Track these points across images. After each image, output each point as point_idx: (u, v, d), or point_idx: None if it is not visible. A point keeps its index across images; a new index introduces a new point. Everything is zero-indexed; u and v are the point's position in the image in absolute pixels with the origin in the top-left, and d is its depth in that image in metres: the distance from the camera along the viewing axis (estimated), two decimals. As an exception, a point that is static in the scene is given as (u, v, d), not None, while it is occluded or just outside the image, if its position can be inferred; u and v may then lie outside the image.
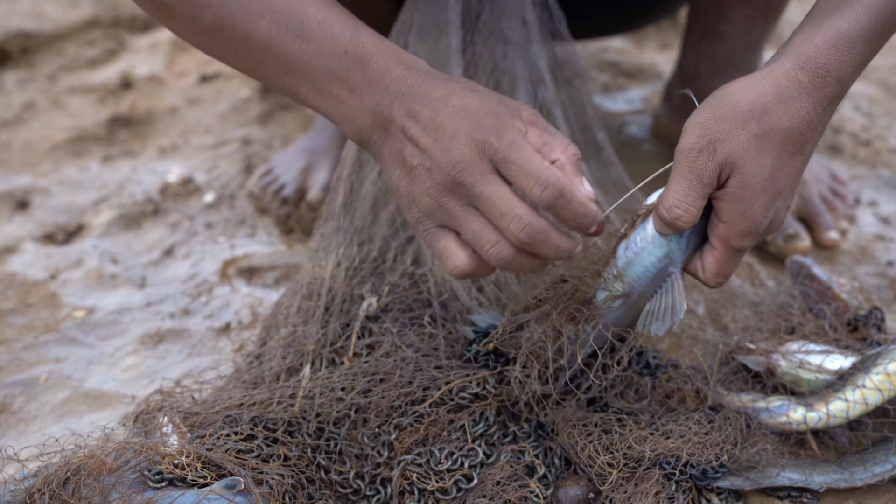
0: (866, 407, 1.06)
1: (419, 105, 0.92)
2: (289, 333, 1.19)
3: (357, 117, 0.94)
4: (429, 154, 0.91)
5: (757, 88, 0.93)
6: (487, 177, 0.89)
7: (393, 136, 0.93)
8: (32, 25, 2.22)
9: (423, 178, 0.92)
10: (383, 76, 0.92)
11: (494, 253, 0.91)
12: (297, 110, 1.90)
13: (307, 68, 0.93)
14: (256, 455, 1.02)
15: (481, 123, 0.90)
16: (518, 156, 0.89)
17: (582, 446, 1.03)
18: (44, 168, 1.78)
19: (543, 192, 0.89)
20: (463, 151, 0.89)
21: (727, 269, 0.98)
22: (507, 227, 0.89)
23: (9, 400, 1.25)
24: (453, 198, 0.91)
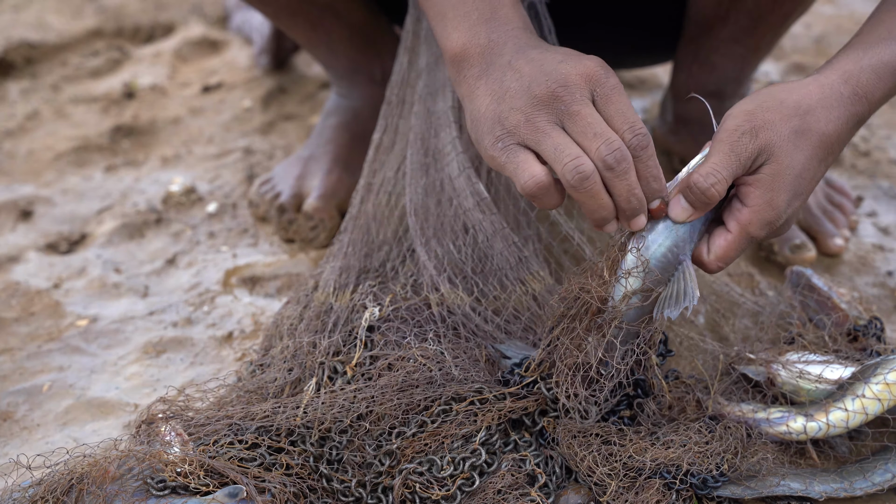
0: (866, 417, 1.07)
1: (531, 48, 0.98)
2: (293, 345, 1.20)
3: (468, 48, 1.00)
4: (531, 75, 0.95)
5: (803, 90, 0.98)
6: (585, 100, 0.94)
7: (496, 68, 0.98)
8: (36, 36, 2.23)
9: (519, 95, 0.95)
10: (507, 22, 1.01)
11: (572, 166, 0.92)
12: (299, 120, 1.91)
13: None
14: (259, 463, 1.03)
15: (591, 60, 0.96)
16: (619, 97, 0.94)
17: (581, 457, 1.03)
18: (47, 177, 1.78)
19: (633, 138, 0.93)
20: (569, 72, 0.94)
21: (733, 254, 0.99)
22: (598, 148, 0.92)
23: (12, 408, 1.25)
24: (545, 112, 0.94)
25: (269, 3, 1.51)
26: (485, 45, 1.00)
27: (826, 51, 2.10)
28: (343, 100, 1.65)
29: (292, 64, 2.08)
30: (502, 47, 0.99)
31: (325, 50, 1.59)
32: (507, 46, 0.99)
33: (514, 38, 1.00)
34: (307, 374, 1.15)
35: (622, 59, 1.71)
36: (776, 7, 1.40)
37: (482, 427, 1.06)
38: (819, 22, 2.20)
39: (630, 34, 1.55)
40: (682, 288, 0.99)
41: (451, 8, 1.02)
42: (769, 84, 1.95)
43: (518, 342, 1.16)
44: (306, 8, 1.49)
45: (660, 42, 1.58)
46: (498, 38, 1.00)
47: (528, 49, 0.98)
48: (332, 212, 1.53)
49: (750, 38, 1.45)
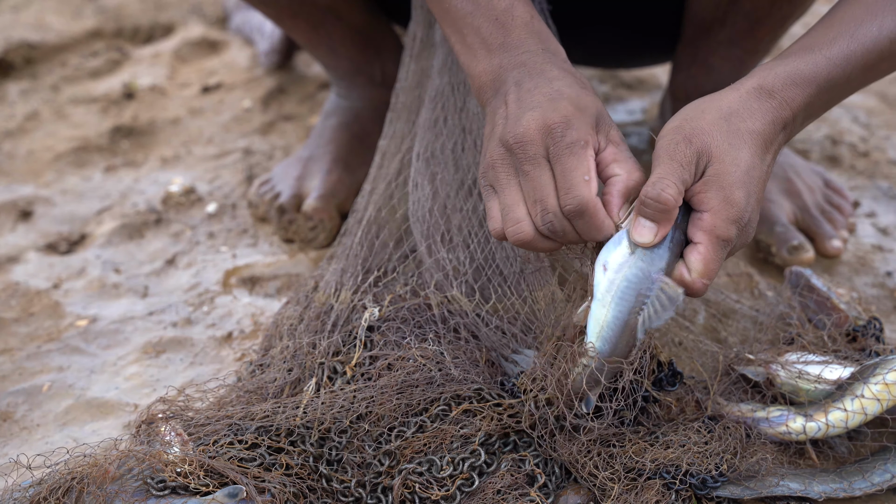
0: (865, 417, 1.07)
1: (529, 78, 1.02)
2: (292, 345, 1.20)
3: (483, 73, 1.05)
4: (507, 118, 1.00)
5: (723, 98, 1.01)
6: (538, 159, 0.97)
7: (498, 97, 1.03)
8: (36, 36, 2.23)
9: (496, 137, 1.00)
10: (518, 46, 1.04)
11: (513, 231, 0.98)
12: (299, 121, 1.91)
13: (462, 22, 1.06)
14: (259, 464, 1.03)
15: (561, 109, 0.98)
16: (567, 159, 0.96)
17: (583, 464, 1.03)
18: (47, 178, 1.79)
19: (567, 205, 0.96)
20: (530, 125, 0.97)
21: (713, 265, 0.97)
22: (536, 213, 0.97)
23: (12, 409, 1.25)
24: (505, 163, 0.99)
25: (271, 4, 1.51)
26: (496, 72, 1.04)
27: (825, 51, 2.10)
28: (343, 100, 1.65)
29: (292, 64, 2.09)
30: (508, 74, 1.03)
31: (326, 50, 1.60)
32: (512, 74, 1.02)
33: (521, 64, 1.03)
34: (307, 375, 1.15)
35: (622, 60, 1.71)
36: (774, 10, 1.40)
37: (481, 428, 1.06)
38: (818, 23, 2.20)
39: (630, 35, 1.56)
40: (663, 299, 0.98)
41: (470, 35, 1.06)
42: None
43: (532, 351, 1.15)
44: (307, 9, 1.50)
45: (659, 42, 1.58)
46: (507, 64, 1.03)
47: (526, 80, 1.01)
48: (331, 212, 1.53)
49: (748, 40, 1.46)
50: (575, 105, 0.99)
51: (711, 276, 0.98)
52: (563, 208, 0.96)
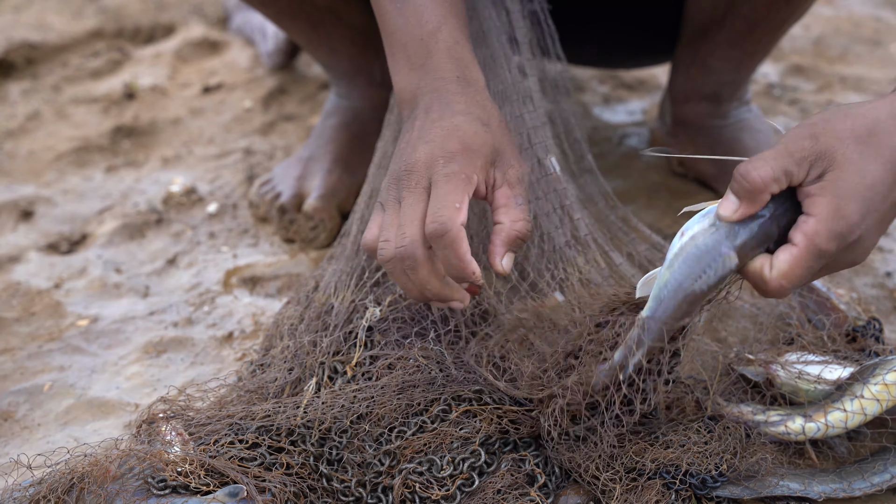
0: (865, 417, 1.07)
1: (437, 108, 1.04)
2: (293, 345, 1.20)
3: (403, 90, 1.08)
4: (408, 143, 1.03)
5: (871, 104, 0.94)
6: (417, 189, 1.00)
7: (409, 120, 1.06)
8: (37, 36, 2.24)
9: (395, 160, 1.04)
10: (435, 71, 1.06)
11: (380, 248, 1.01)
12: (299, 121, 1.91)
13: (392, 35, 1.09)
14: (259, 463, 1.03)
15: (449, 146, 1.01)
16: (441, 187, 0.99)
17: (585, 468, 1.03)
18: (48, 178, 1.79)
19: (430, 225, 0.97)
20: (419, 157, 1.01)
21: (799, 272, 0.91)
22: (394, 240, 1.00)
23: (13, 408, 1.26)
24: (394, 188, 1.02)
25: (270, 4, 1.51)
26: (413, 92, 1.07)
27: (825, 52, 2.11)
28: (343, 100, 1.65)
29: (292, 65, 2.09)
30: (421, 99, 1.06)
31: (326, 51, 1.60)
32: (423, 101, 1.05)
33: (435, 90, 1.05)
34: (307, 374, 1.15)
35: (622, 60, 1.72)
36: (772, 12, 1.40)
37: (482, 428, 1.07)
38: (818, 23, 2.20)
39: (630, 35, 1.56)
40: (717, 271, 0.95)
41: (398, 50, 1.09)
42: (768, 85, 1.95)
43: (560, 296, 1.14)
44: (307, 9, 1.50)
45: (659, 43, 1.58)
46: (423, 88, 1.06)
47: (434, 109, 1.04)
48: (332, 212, 1.53)
49: (746, 41, 1.46)
50: (465, 143, 1.01)
51: (793, 282, 0.92)
52: (427, 231, 0.97)
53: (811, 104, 1.89)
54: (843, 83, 1.97)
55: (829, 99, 1.91)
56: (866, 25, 2.21)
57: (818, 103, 1.89)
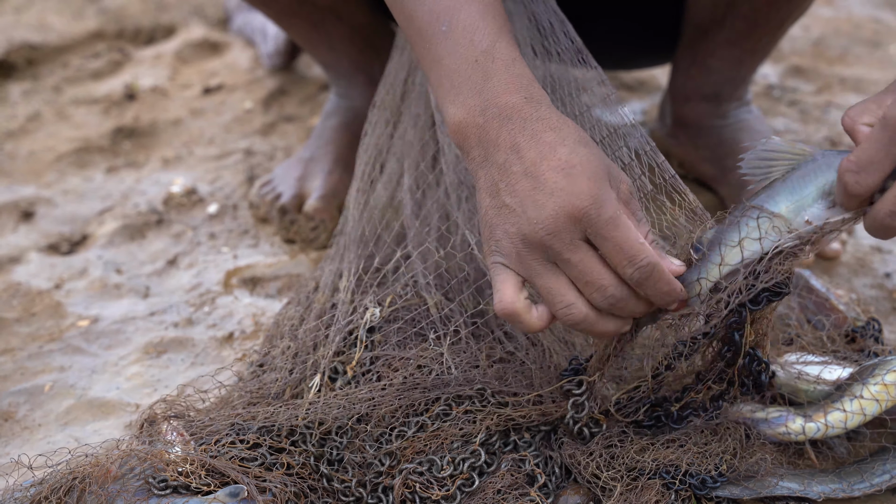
0: (864, 417, 1.07)
1: (527, 143, 0.93)
2: (294, 345, 1.20)
3: (463, 124, 0.95)
4: (522, 200, 0.92)
5: None
6: (577, 243, 0.91)
7: (492, 164, 0.94)
8: (38, 37, 2.24)
9: (512, 221, 0.92)
10: (500, 95, 0.94)
11: (564, 312, 0.93)
12: (300, 122, 1.92)
13: (441, 62, 0.97)
14: (260, 463, 1.03)
15: (582, 189, 0.90)
16: (614, 233, 0.90)
17: (585, 465, 1.03)
18: (48, 178, 1.79)
19: (635, 272, 0.91)
20: (557, 213, 0.90)
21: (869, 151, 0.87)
22: (591, 295, 0.92)
23: (14, 408, 1.26)
24: (535, 254, 0.92)
25: (271, 4, 1.51)
26: (480, 126, 0.95)
27: (824, 53, 2.11)
28: (343, 100, 1.65)
29: (293, 66, 2.09)
30: (497, 134, 0.94)
31: (326, 50, 1.60)
32: (503, 135, 0.93)
33: (508, 121, 0.93)
34: (308, 375, 1.16)
35: (623, 61, 1.72)
36: (772, 11, 1.41)
37: (482, 428, 1.07)
38: (817, 24, 2.21)
39: (630, 36, 1.56)
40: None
41: (447, 77, 0.97)
42: (768, 86, 1.96)
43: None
44: (307, 9, 1.50)
45: (660, 44, 1.59)
46: (492, 121, 0.94)
47: (524, 147, 0.92)
48: (332, 212, 1.54)
49: (746, 41, 1.46)
50: (592, 177, 0.91)
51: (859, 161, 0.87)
52: (629, 278, 0.91)
53: (811, 105, 1.89)
54: (843, 84, 1.97)
55: (829, 100, 1.92)
56: (866, 27, 2.22)
57: (818, 104, 1.90)
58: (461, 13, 0.97)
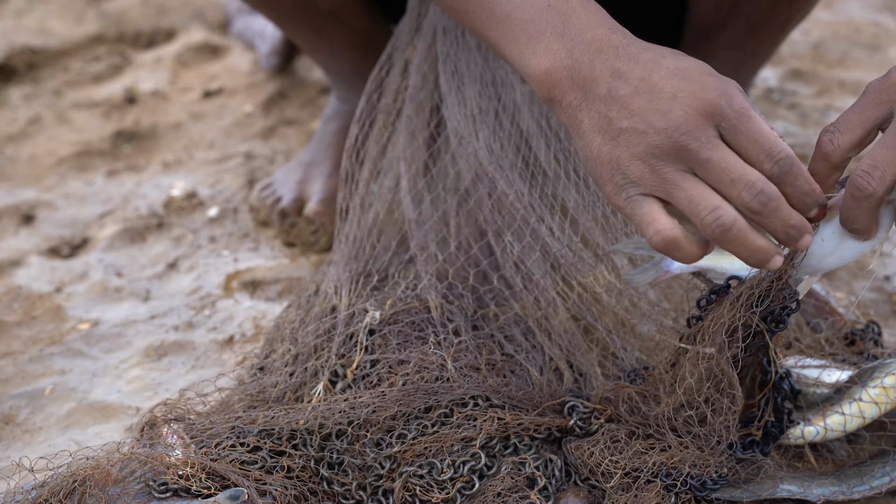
0: (863, 420, 1.07)
1: (627, 65, 0.88)
2: (294, 348, 1.20)
3: (551, 70, 0.90)
4: (643, 116, 0.86)
5: None
6: (714, 141, 0.85)
7: (595, 100, 0.88)
8: (38, 41, 2.24)
9: (635, 142, 0.86)
10: (584, 32, 0.90)
11: (712, 218, 0.85)
12: (300, 125, 1.92)
13: (509, 18, 0.93)
14: (260, 466, 1.03)
15: (706, 84, 0.85)
16: (748, 124, 0.84)
17: (591, 467, 1.04)
18: (49, 182, 1.79)
19: (774, 166, 0.84)
20: (687, 113, 0.85)
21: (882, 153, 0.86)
22: (739, 195, 0.85)
23: (14, 412, 1.26)
24: (671, 162, 0.86)
25: (273, 7, 1.52)
26: (571, 67, 0.89)
27: (823, 57, 2.11)
28: (343, 104, 1.66)
29: (293, 69, 2.09)
30: (591, 68, 0.88)
31: (328, 54, 1.60)
32: (598, 67, 0.88)
33: (600, 52, 0.89)
34: (308, 378, 1.16)
35: None
36: (774, 14, 1.41)
37: (482, 431, 1.07)
38: (816, 28, 2.21)
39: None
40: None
41: (521, 30, 0.92)
42: (767, 90, 1.96)
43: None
44: (310, 13, 1.50)
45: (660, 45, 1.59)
46: (582, 56, 0.89)
47: (625, 70, 0.88)
48: (333, 216, 1.54)
49: (747, 43, 1.46)
50: (705, 72, 0.86)
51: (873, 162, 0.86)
52: (770, 173, 0.84)
53: (810, 108, 1.90)
54: (842, 87, 1.98)
55: (828, 103, 1.92)
56: (865, 30, 2.22)
57: (817, 107, 1.90)
58: None
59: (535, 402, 1.11)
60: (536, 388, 1.13)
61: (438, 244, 1.26)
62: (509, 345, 1.19)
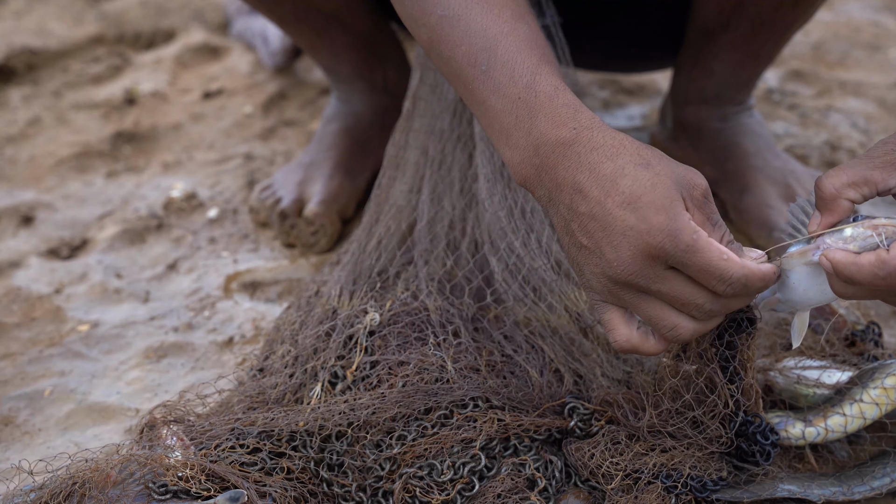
0: (864, 421, 1.07)
1: (587, 180, 0.90)
2: (294, 349, 1.20)
3: (521, 165, 0.94)
4: (598, 242, 0.90)
5: None
6: (661, 275, 0.89)
7: (559, 204, 0.93)
8: (38, 42, 2.24)
9: (594, 262, 0.91)
10: (548, 133, 0.92)
11: (673, 335, 0.92)
12: (300, 126, 1.92)
13: (485, 103, 0.96)
14: (260, 468, 1.03)
15: (652, 224, 0.88)
16: (696, 258, 0.88)
17: (591, 469, 1.04)
18: (49, 183, 1.79)
19: (727, 288, 0.89)
20: (635, 254, 0.89)
21: None
22: (690, 313, 0.91)
23: (14, 413, 1.26)
24: (625, 289, 0.91)
25: (275, 9, 1.52)
26: (538, 166, 0.93)
27: (824, 57, 2.11)
28: (344, 105, 1.66)
29: (293, 69, 2.09)
30: (554, 172, 0.92)
31: (329, 56, 1.60)
32: (559, 173, 0.92)
33: (564, 158, 0.91)
34: (308, 379, 1.16)
35: (624, 65, 1.72)
36: (777, 16, 1.41)
37: (482, 432, 1.07)
38: (817, 29, 2.21)
39: (633, 40, 1.56)
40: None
41: (495, 119, 0.96)
42: (768, 90, 1.96)
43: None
44: (312, 15, 1.50)
45: (663, 47, 1.59)
46: (547, 160, 0.92)
47: (585, 186, 0.90)
48: (332, 217, 1.54)
49: (749, 44, 1.46)
50: (660, 207, 0.88)
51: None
52: (724, 293, 0.89)
53: (810, 109, 1.90)
54: (843, 88, 1.98)
55: (829, 104, 1.92)
56: (865, 30, 2.22)
57: (817, 108, 1.90)
58: (498, 50, 0.96)
59: (535, 403, 1.10)
60: (536, 390, 1.13)
61: (445, 247, 1.26)
62: (509, 346, 1.19)
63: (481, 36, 0.97)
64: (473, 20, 0.98)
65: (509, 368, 1.16)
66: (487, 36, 0.97)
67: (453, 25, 0.98)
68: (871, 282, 0.88)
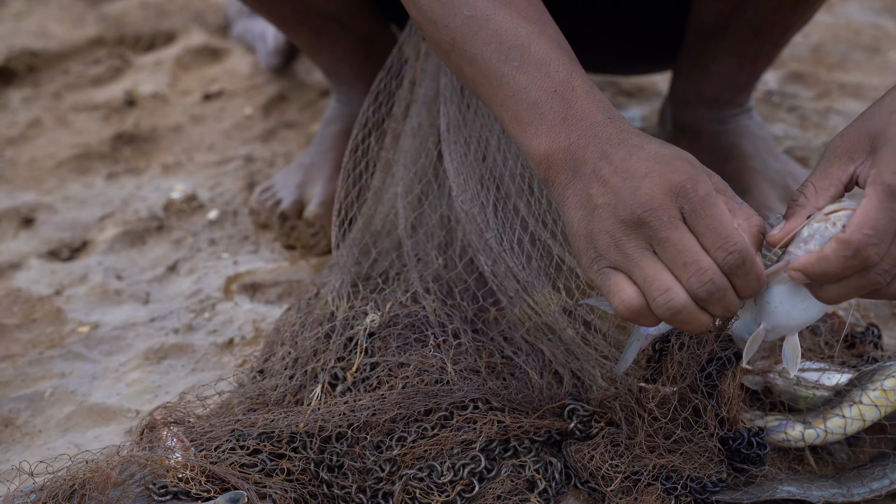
0: (863, 423, 1.07)
1: (614, 148, 0.92)
2: (294, 351, 1.21)
3: (549, 152, 0.95)
4: (616, 192, 0.90)
5: None
6: (674, 222, 0.89)
7: (581, 177, 0.93)
8: (38, 44, 2.24)
9: (606, 216, 0.91)
10: (584, 118, 0.95)
11: (663, 300, 0.89)
12: (300, 128, 1.92)
13: (515, 98, 0.97)
14: (260, 469, 1.03)
15: (677, 168, 0.89)
16: (709, 211, 0.88)
17: (591, 470, 1.04)
18: (49, 185, 1.79)
19: (728, 257, 0.88)
20: (653, 191, 0.89)
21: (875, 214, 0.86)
22: (688, 280, 0.88)
23: (14, 414, 1.26)
24: (633, 238, 0.90)
25: (275, 10, 1.52)
26: (566, 149, 0.94)
27: (823, 59, 2.11)
28: (343, 106, 1.66)
29: (293, 71, 2.10)
30: (584, 151, 0.93)
31: (328, 57, 1.61)
32: (589, 150, 0.93)
33: (595, 137, 0.94)
34: (308, 381, 1.16)
35: (624, 66, 1.72)
36: (776, 18, 1.41)
37: (482, 434, 1.07)
38: (816, 31, 2.21)
39: (633, 42, 1.57)
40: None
41: (526, 111, 0.97)
42: (767, 92, 1.96)
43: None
44: (311, 17, 1.51)
45: (662, 50, 1.59)
46: (578, 140, 0.94)
47: (612, 151, 0.92)
48: (333, 218, 1.54)
49: (748, 46, 1.47)
50: (686, 160, 0.90)
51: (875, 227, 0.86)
52: (721, 263, 0.88)
53: (810, 111, 1.90)
54: (842, 90, 1.98)
55: (828, 106, 1.92)
56: (865, 33, 2.22)
57: (817, 110, 1.90)
58: (531, 48, 0.98)
59: (535, 404, 1.11)
60: (536, 391, 1.13)
61: (439, 247, 1.26)
62: (509, 347, 1.19)
63: (513, 34, 0.98)
64: (503, 19, 0.99)
65: (509, 370, 1.17)
66: (519, 35, 0.98)
67: (482, 25, 0.99)
68: (844, 267, 0.87)
